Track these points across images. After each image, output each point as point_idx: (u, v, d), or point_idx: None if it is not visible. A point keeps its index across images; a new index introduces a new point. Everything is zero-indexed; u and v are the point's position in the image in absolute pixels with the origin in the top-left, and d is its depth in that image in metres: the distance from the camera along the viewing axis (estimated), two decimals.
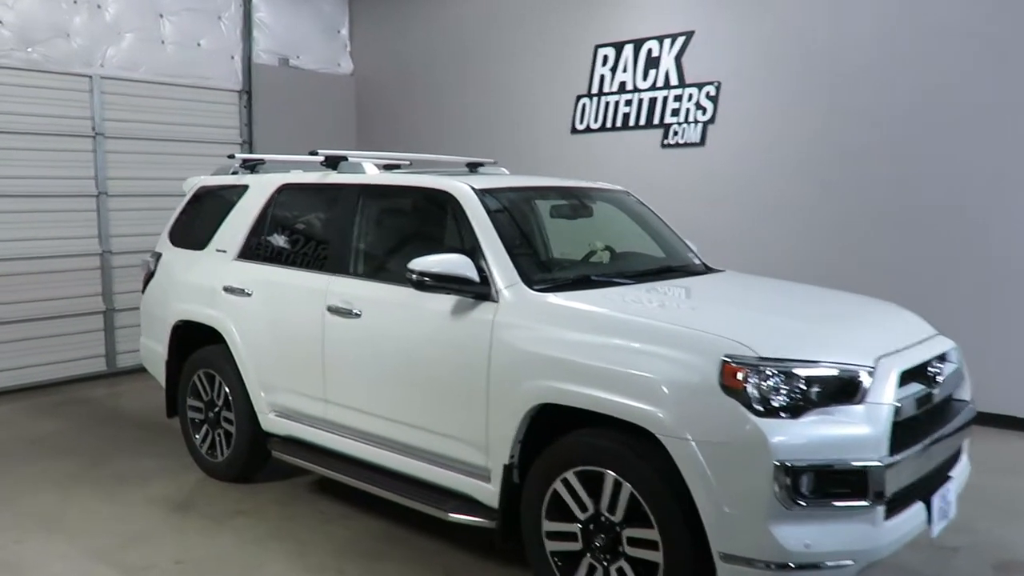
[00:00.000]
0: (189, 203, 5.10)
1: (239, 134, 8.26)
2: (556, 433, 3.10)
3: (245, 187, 4.74)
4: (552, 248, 4.33)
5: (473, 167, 4.95)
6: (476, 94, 8.26)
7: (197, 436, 4.77)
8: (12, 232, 6.70)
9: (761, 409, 2.64)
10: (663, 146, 7.04)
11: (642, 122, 7.17)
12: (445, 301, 3.42)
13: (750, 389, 2.65)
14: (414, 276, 3.30)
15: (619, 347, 2.91)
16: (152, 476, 4.75)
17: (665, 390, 2.76)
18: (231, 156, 4.90)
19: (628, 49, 7.22)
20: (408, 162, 5.31)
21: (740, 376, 2.66)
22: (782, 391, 2.67)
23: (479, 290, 3.33)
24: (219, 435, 4.64)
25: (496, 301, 3.31)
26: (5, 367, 6.70)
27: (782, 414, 2.65)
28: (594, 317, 3.09)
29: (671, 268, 4.00)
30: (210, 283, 4.57)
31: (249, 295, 4.36)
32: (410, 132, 8.70)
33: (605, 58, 7.37)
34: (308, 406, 4.12)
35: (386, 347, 3.69)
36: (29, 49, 6.72)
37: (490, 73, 8.14)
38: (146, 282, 5.17)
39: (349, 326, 3.83)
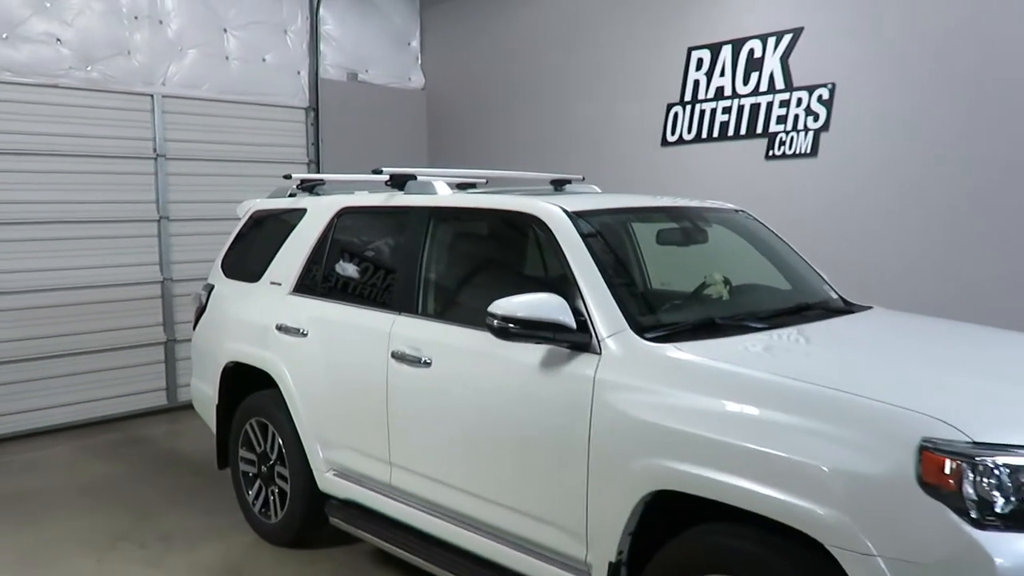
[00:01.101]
0: (243, 229, 4.61)
1: (305, 153, 7.84)
2: (679, 521, 2.41)
3: (303, 211, 4.20)
4: (655, 282, 3.65)
5: (559, 185, 4.30)
6: (556, 106, 7.63)
7: (249, 492, 4.23)
8: (69, 260, 6.37)
9: (980, 517, 1.90)
10: (768, 158, 6.25)
11: (743, 131, 6.40)
12: (534, 351, 2.77)
13: (965, 488, 1.91)
14: (496, 322, 2.65)
15: (768, 421, 2.21)
16: (200, 537, 4.23)
17: (837, 484, 2.04)
18: (287, 176, 4.39)
19: (726, 51, 6.47)
20: (484, 180, 4.71)
21: (948, 470, 1.92)
22: (1010, 491, 1.92)
23: (576, 339, 2.67)
24: (273, 493, 4.09)
25: (598, 353, 2.64)
26: (63, 402, 6.36)
27: (1010, 525, 1.90)
28: (731, 378, 2.38)
29: (807, 305, 3.26)
30: (262, 320, 4.04)
31: (304, 335, 3.80)
32: (485, 149, 8.13)
33: (699, 61, 6.64)
34: (370, 468, 3.52)
35: (461, 404, 3.06)
36: (88, 68, 6.41)
37: (571, 83, 7.50)
38: (197, 317, 4.69)
39: (417, 377, 3.21)
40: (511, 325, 2.64)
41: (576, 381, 2.64)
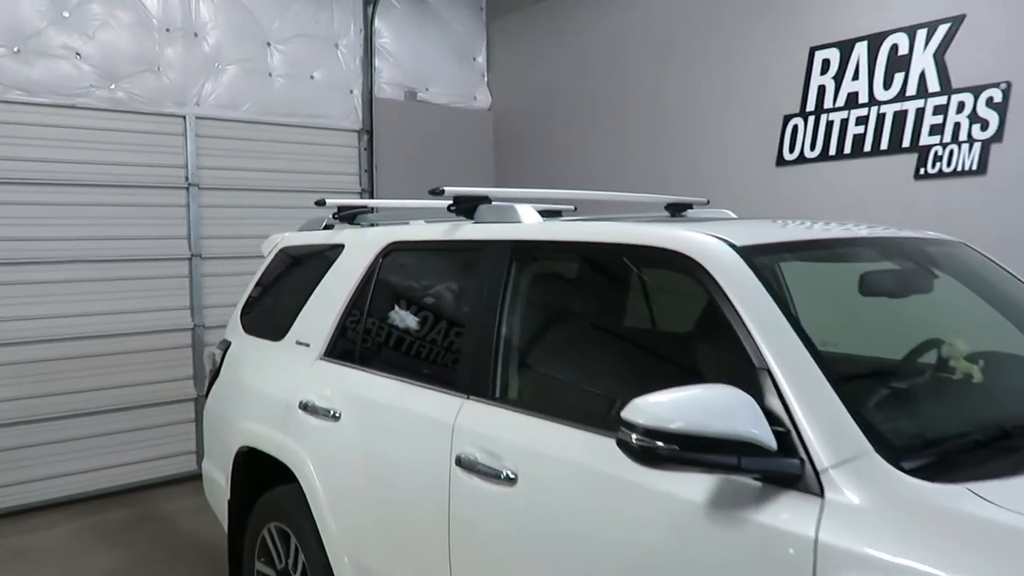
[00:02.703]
0: (267, 272, 3.62)
1: (358, 181, 6.91)
2: None
3: (339, 248, 3.19)
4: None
5: (677, 210, 3.20)
6: (646, 125, 6.54)
7: None
8: (84, 305, 5.51)
9: None
10: (918, 177, 5.03)
11: (883, 145, 5.19)
12: (696, 483, 1.65)
13: None
14: (636, 438, 1.54)
15: None
16: None
17: None
18: (320, 203, 3.38)
19: (860, 48, 5.30)
20: (573, 207, 3.65)
21: None
22: None
23: (776, 467, 1.56)
24: None
25: (817, 494, 1.50)
26: (73, 470, 5.46)
27: None
28: None
29: None
30: (283, 395, 3.02)
31: (336, 419, 2.75)
32: (560, 177, 7.06)
33: (825, 63, 5.47)
34: None
35: (564, 551, 1.95)
36: (112, 86, 5.61)
37: (665, 96, 6.41)
38: (210, 382, 3.69)
39: (494, 497, 2.12)
40: (661, 443, 1.52)
41: (777, 544, 1.51)
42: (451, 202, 2.80)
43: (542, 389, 2.35)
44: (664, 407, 1.54)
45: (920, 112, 5.02)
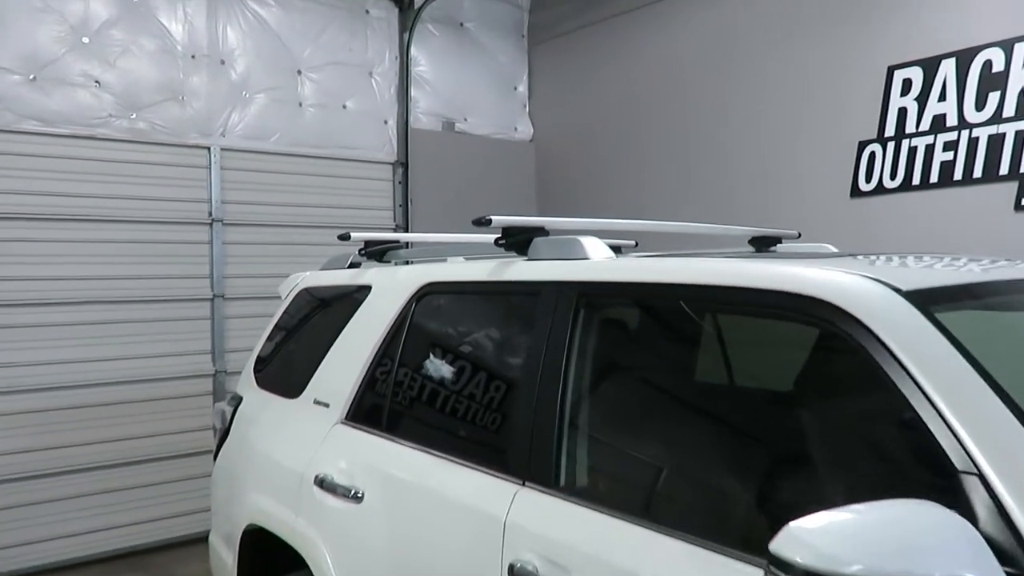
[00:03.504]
0: (284, 316, 3.16)
1: (392, 216, 6.49)
2: None
3: (366, 289, 2.71)
4: None
5: (764, 244, 2.68)
6: (703, 155, 6.03)
7: None
8: (97, 350, 5.12)
9: None
10: (1019, 207, 4.44)
11: (977, 173, 4.62)
12: None
13: None
14: None
15: None
16: None
17: None
18: (344, 237, 2.90)
19: (947, 66, 4.76)
20: (634, 243, 3.15)
21: None
22: None
23: None
24: None
25: None
26: (79, 530, 5.02)
27: None
28: None
29: None
30: (296, 466, 2.53)
31: (358, 500, 2.25)
32: (611, 212, 6.53)
33: (906, 83, 4.94)
34: None
35: None
36: (133, 115, 5.27)
37: (724, 123, 5.91)
38: (219, 443, 3.22)
39: None
40: None
41: None
42: (499, 235, 2.31)
43: (628, 480, 1.81)
44: (835, 539, 1.01)
45: (1020, 135, 4.45)
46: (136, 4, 5.28)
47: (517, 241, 2.25)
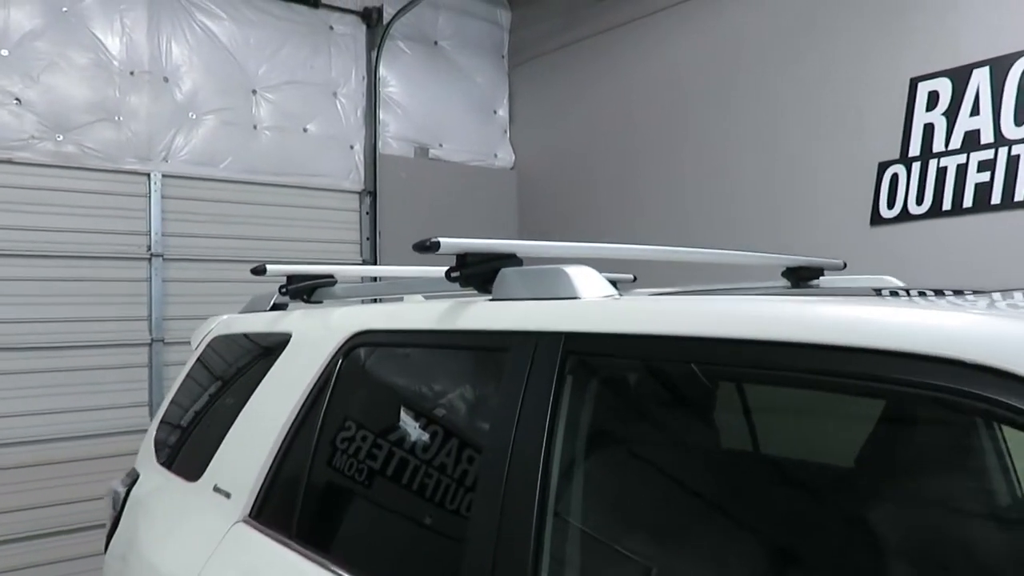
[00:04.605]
0: (193, 371, 2.50)
1: (358, 251, 5.86)
2: None
3: (284, 338, 2.06)
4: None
5: (802, 278, 2.06)
6: (703, 180, 5.46)
7: None
8: (24, 404, 4.47)
9: None
10: None
11: (1019, 196, 4.05)
12: None
13: None
14: None
15: None
16: None
17: None
18: (258, 271, 2.25)
19: (979, 76, 4.21)
20: (632, 277, 2.53)
21: None
22: None
23: None
24: None
25: None
26: None
27: None
28: None
29: None
30: None
31: None
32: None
33: (932, 96, 4.39)
34: None
35: None
36: (60, 137, 4.65)
37: (726, 146, 5.34)
38: (110, 531, 2.53)
39: None
40: None
41: None
42: (452, 267, 1.68)
43: None
44: None
45: None
46: (65, 14, 4.70)
47: (476, 273, 1.62)
